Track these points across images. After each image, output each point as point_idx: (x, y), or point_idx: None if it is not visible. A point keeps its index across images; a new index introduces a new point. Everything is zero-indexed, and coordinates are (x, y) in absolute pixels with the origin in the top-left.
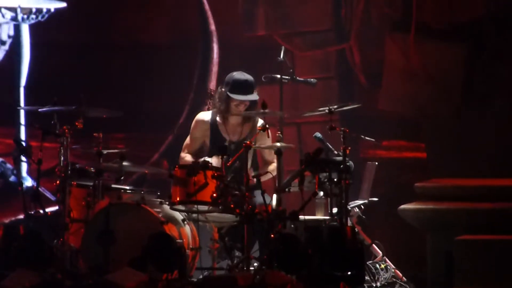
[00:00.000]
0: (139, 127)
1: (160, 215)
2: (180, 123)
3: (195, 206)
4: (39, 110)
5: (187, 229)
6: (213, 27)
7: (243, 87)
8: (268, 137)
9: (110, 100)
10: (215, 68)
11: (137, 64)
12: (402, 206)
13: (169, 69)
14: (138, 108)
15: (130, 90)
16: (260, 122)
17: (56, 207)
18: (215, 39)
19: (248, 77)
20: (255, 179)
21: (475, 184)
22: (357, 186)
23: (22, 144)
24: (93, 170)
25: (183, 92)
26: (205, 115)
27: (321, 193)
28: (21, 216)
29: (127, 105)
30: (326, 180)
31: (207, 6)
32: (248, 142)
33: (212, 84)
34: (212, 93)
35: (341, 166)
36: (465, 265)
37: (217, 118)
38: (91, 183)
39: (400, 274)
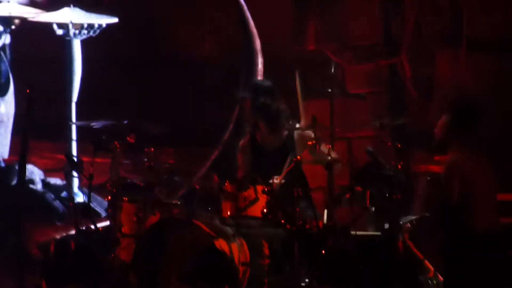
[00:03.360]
0: (190, 141)
1: (210, 230)
2: (225, 138)
3: (246, 221)
4: (91, 124)
5: (237, 244)
6: (257, 43)
7: (255, 87)
8: (319, 152)
9: (161, 115)
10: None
11: (187, 79)
12: None
13: (219, 84)
14: (188, 123)
15: (180, 105)
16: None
17: (107, 222)
18: (259, 54)
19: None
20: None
21: None
22: (409, 201)
23: (73, 159)
24: (144, 185)
25: (230, 107)
26: (244, 141)
27: (373, 208)
28: (73, 232)
29: (177, 120)
30: (377, 195)
31: (251, 23)
32: (298, 157)
33: None
34: None
35: (393, 180)
36: None
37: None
38: (142, 198)
39: None
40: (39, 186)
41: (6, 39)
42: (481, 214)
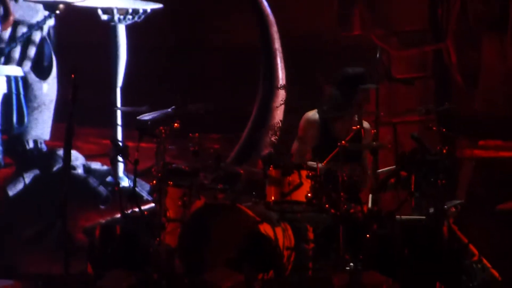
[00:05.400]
0: (234, 127)
1: (255, 215)
2: (250, 121)
3: (290, 205)
4: (137, 113)
5: (282, 228)
6: (273, 29)
7: (367, 76)
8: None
9: (204, 100)
10: (280, 63)
11: (231, 65)
12: (500, 206)
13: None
14: (233, 108)
15: (224, 91)
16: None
17: (152, 205)
18: (275, 37)
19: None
20: None
21: None
22: (454, 186)
23: (119, 145)
24: (189, 170)
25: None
26: (313, 115)
27: (417, 193)
28: (117, 215)
29: (221, 106)
30: (422, 180)
31: (266, 10)
32: (343, 141)
33: (281, 80)
34: (284, 85)
35: (438, 165)
36: None
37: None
38: (187, 183)
39: (497, 274)
40: (80, 171)
41: (51, 22)
42: None
